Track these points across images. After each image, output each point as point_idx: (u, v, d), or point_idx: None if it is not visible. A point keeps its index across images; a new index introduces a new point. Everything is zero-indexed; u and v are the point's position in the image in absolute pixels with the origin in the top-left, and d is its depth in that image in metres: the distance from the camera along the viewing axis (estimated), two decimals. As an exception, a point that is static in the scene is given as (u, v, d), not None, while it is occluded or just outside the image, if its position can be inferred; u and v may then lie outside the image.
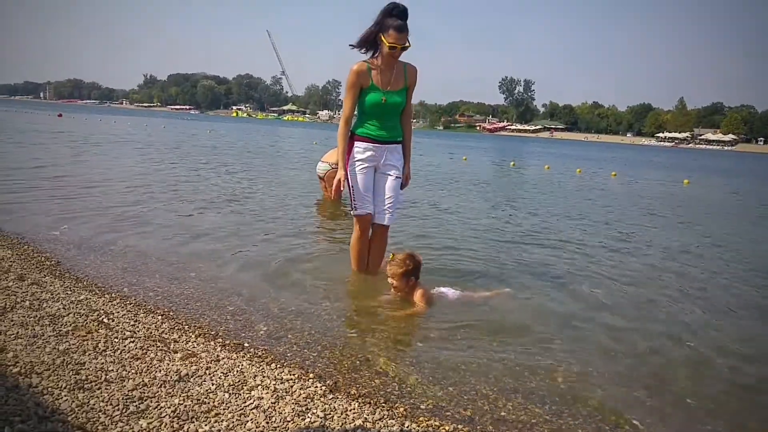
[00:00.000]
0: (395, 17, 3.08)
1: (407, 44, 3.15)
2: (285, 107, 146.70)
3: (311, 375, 2.21)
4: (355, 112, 3.37)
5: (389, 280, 3.20)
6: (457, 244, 4.92)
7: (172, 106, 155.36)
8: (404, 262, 3.17)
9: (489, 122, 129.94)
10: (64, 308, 2.67)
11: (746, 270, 4.74)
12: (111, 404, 1.81)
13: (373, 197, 3.41)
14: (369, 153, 3.34)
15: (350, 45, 3.25)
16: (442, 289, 3.36)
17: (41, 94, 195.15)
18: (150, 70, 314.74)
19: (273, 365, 2.27)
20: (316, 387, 2.09)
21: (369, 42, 3.21)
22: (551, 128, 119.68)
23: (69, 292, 2.92)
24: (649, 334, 3.00)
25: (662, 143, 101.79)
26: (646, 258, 4.95)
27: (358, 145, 3.34)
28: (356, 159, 3.34)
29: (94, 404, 1.80)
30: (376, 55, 3.24)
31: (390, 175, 3.41)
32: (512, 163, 19.72)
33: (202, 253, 4.04)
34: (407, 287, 3.19)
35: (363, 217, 3.40)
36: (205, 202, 6.32)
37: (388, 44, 3.09)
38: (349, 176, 3.35)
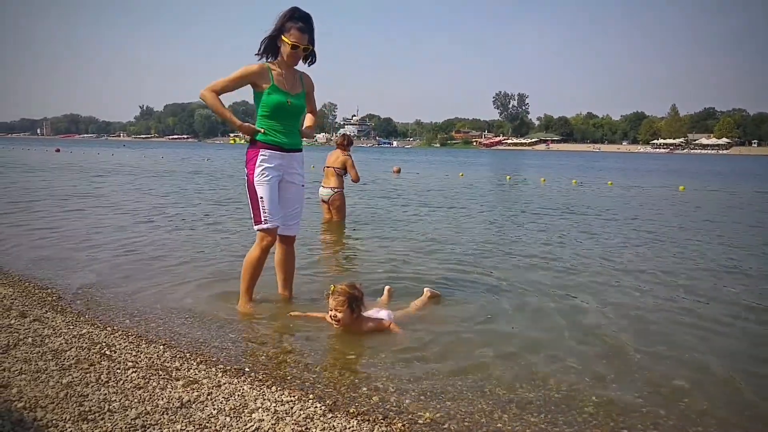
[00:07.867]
0: (296, 20, 3.07)
1: (309, 46, 3.13)
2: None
3: (311, 396, 2.25)
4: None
5: (331, 313, 2.97)
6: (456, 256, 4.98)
7: (170, 136, 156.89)
8: (348, 292, 2.96)
9: (485, 137, 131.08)
10: (66, 342, 2.72)
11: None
12: (114, 433, 1.85)
13: (279, 208, 3.27)
14: (277, 161, 3.22)
15: (256, 54, 3.19)
16: (381, 313, 3.20)
17: (38, 131, 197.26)
18: (146, 101, 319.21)
19: (273, 388, 2.31)
20: (316, 407, 2.14)
21: (271, 47, 3.17)
22: (547, 140, 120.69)
23: (71, 327, 2.97)
24: (643, 341, 3.04)
25: (657, 150, 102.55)
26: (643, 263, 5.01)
27: (264, 153, 3.18)
28: (263, 167, 3.18)
29: (98, 434, 1.85)
30: (277, 59, 3.20)
31: (295, 183, 3.34)
32: (508, 177, 19.87)
33: (203, 282, 4.09)
34: (351, 320, 2.98)
35: (272, 231, 3.25)
36: (208, 228, 6.40)
37: (290, 43, 3.05)
38: (255, 186, 3.19)
